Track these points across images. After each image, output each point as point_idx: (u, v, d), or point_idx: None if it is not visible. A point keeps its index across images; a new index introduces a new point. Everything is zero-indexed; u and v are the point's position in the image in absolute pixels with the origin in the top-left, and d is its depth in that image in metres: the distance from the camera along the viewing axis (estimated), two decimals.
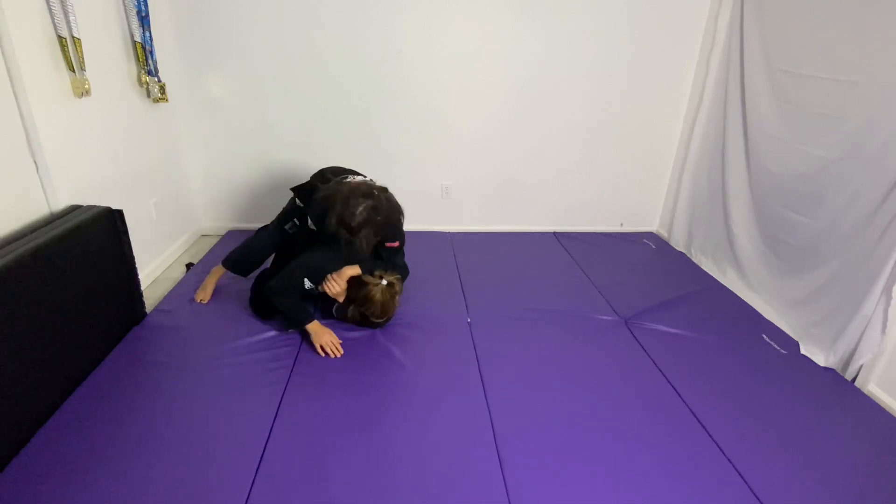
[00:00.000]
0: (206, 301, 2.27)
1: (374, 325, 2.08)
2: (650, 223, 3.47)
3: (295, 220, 2.23)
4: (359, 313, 2.04)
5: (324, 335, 1.95)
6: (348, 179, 2.08)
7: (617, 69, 2.96)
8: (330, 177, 2.13)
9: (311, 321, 1.98)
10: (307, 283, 2.02)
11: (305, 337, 2.00)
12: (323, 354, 1.91)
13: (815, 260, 2.18)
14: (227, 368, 1.83)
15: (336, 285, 2.00)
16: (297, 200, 2.21)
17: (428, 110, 2.96)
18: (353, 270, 2.02)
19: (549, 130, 3.08)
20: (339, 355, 1.91)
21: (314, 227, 2.09)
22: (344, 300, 2.05)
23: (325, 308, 2.20)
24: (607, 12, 2.81)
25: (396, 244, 2.14)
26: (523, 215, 3.30)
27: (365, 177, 2.18)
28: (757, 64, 2.49)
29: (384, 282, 1.98)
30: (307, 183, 2.20)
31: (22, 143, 1.77)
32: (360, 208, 1.83)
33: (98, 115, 2.12)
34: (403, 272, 2.18)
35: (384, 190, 1.98)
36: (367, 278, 1.99)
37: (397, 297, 2.04)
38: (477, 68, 2.89)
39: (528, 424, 1.64)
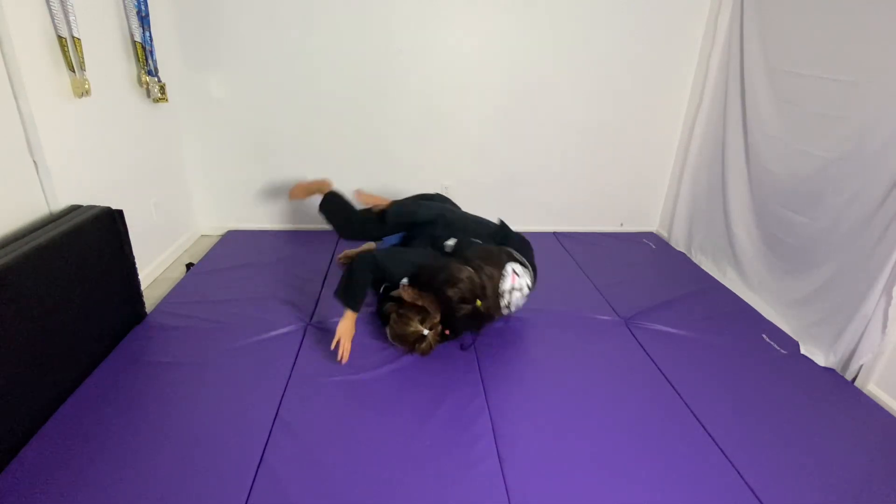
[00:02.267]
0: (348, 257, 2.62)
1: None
2: (650, 223, 3.47)
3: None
4: (389, 316, 1.95)
5: (349, 333, 1.88)
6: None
7: (617, 69, 2.96)
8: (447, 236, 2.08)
9: (356, 310, 1.90)
10: (405, 281, 1.93)
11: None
12: (332, 347, 1.87)
13: (815, 260, 2.18)
14: (227, 368, 1.83)
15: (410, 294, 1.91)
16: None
17: (428, 110, 2.96)
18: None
19: (549, 130, 3.08)
20: (342, 362, 1.86)
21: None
22: (398, 297, 1.95)
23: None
24: (607, 12, 2.81)
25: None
26: (523, 215, 3.30)
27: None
28: (757, 64, 2.49)
29: (425, 331, 1.85)
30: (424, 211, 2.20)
31: (22, 143, 1.78)
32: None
33: (98, 115, 2.12)
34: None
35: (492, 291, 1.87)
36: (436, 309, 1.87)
37: (415, 352, 1.90)
38: (477, 68, 2.89)
39: (528, 424, 1.64)
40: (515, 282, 1.95)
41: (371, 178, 3.10)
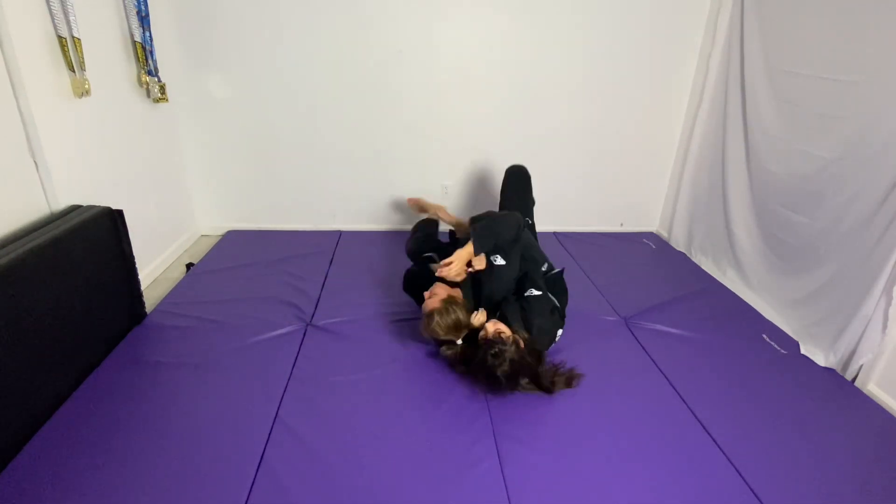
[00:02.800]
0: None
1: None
2: (650, 223, 3.47)
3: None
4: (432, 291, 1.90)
5: (460, 260, 1.83)
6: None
7: (617, 69, 2.96)
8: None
9: (476, 253, 1.86)
10: (499, 260, 1.90)
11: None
12: (442, 261, 1.86)
13: (815, 260, 2.18)
14: (227, 368, 1.83)
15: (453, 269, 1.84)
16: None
17: (428, 110, 2.96)
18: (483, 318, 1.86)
19: (549, 130, 3.08)
20: (441, 271, 1.83)
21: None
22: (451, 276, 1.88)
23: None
24: (607, 12, 2.81)
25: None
26: None
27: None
28: (757, 64, 2.49)
29: (459, 342, 1.82)
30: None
31: (22, 143, 1.78)
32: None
33: (98, 115, 2.12)
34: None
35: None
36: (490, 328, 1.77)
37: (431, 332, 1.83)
38: (477, 68, 2.89)
39: (528, 424, 1.64)
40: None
41: (371, 177, 3.10)
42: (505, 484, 1.41)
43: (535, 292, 1.91)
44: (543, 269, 2.02)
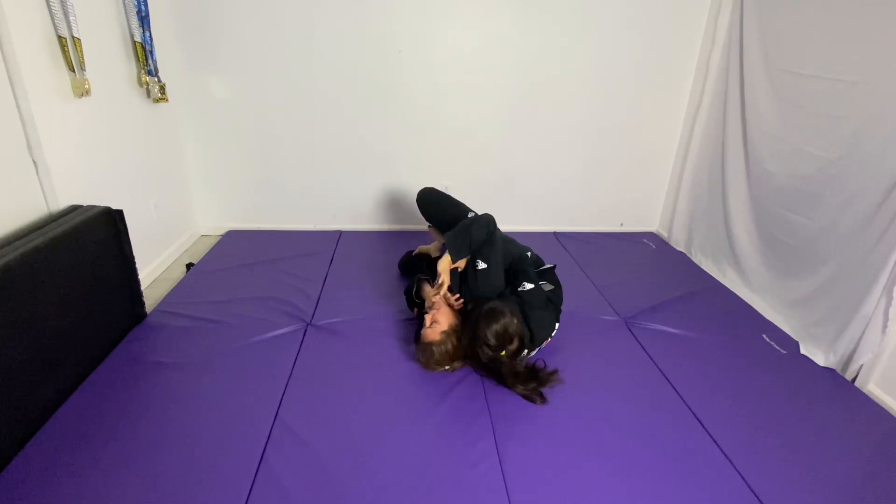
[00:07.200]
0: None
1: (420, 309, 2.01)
2: (650, 223, 3.47)
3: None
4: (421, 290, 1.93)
5: (446, 272, 1.88)
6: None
7: (617, 69, 2.96)
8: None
9: (453, 260, 1.88)
10: (480, 265, 1.89)
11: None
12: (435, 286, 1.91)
13: (814, 260, 2.18)
14: (227, 369, 1.83)
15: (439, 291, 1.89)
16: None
17: (428, 110, 2.96)
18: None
19: (549, 130, 3.08)
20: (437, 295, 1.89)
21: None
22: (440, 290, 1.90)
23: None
24: (607, 12, 2.81)
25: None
26: (523, 215, 3.30)
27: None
28: (757, 64, 2.49)
29: (449, 345, 1.81)
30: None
31: (22, 143, 1.78)
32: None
33: (98, 115, 2.12)
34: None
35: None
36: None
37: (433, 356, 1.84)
38: (477, 68, 2.89)
39: (528, 424, 1.64)
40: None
41: (371, 177, 3.10)
42: (505, 484, 1.41)
43: (528, 286, 1.93)
44: (527, 255, 2.03)
